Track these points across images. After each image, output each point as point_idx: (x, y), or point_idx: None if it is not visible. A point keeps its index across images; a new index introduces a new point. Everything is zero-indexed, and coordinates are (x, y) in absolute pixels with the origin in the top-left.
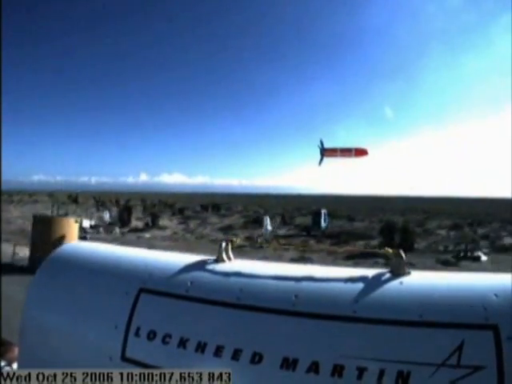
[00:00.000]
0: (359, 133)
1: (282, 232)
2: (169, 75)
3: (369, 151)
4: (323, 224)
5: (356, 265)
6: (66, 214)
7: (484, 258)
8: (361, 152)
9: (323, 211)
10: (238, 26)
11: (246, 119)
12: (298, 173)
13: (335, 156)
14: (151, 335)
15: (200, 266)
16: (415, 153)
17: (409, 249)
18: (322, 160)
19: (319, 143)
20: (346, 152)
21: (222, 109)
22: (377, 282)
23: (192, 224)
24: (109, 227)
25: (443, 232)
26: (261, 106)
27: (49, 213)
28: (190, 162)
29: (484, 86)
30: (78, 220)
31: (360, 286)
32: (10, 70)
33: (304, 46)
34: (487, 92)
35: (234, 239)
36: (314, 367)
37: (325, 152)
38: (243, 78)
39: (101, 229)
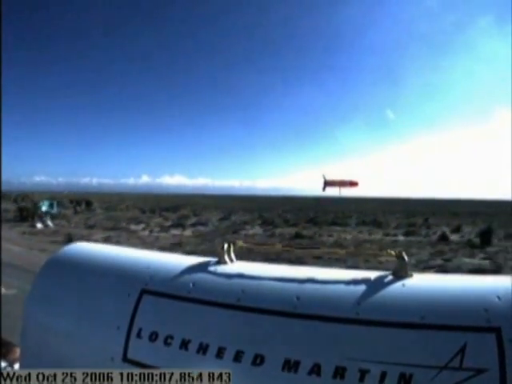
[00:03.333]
0: (359, 135)
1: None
2: (170, 77)
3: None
4: (44, 209)
5: None
6: None
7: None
8: (353, 183)
9: (50, 202)
10: (239, 28)
11: (247, 120)
12: (300, 174)
13: (335, 186)
14: (153, 336)
15: (202, 267)
16: (409, 156)
17: None
18: (324, 188)
19: (323, 176)
20: (343, 183)
21: (223, 110)
22: (379, 284)
23: None
24: None
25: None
26: (262, 107)
27: None
28: (191, 164)
29: (470, 88)
30: None
31: (362, 288)
32: (11, 70)
33: (304, 48)
34: (473, 94)
35: (237, 241)
36: (316, 369)
37: (327, 183)
38: (244, 79)
39: None
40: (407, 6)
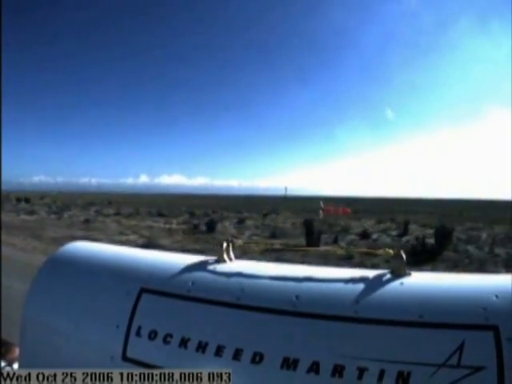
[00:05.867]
0: (358, 134)
1: None
2: (169, 77)
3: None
4: None
5: None
6: None
7: None
8: (345, 211)
9: None
10: (237, 26)
11: (246, 120)
12: (300, 174)
13: (330, 212)
14: (152, 335)
15: (201, 266)
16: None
17: None
18: (321, 214)
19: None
20: (336, 210)
21: (222, 110)
22: (377, 282)
23: None
24: None
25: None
26: (261, 106)
27: None
28: (189, 164)
29: (462, 88)
30: None
31: (361, 286)
32: (11, 70)
33: (304, 47)
34: (465, 94)
35: (236, 240)
36: (315, 367)
37: (323, 210)
38: (243, 78)
39: None
40: (399, 6)
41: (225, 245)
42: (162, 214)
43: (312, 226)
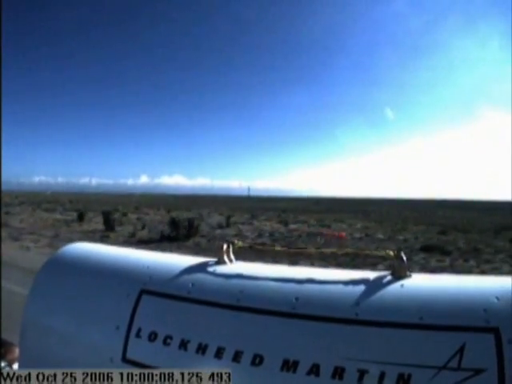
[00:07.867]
0: (359, 135)
1: None
2: (169, 77)
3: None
4: None
5: None
6: None
7: None
8: (341, 236)
9: None
10: (239, 26)
11: (246, 120)
12: (300, 175)
13: (327, 237)
14: (152, 336)
15: (201, 267)
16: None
17: None
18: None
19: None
20: (333, 235)
21: (223, 110)
22: (378, 284)
23: None
24: None
25: None
26: (262, 107)
27: None
28: (190, 164)
29: (454, 88)
30: None
31: (361, 288)
32: (11, 70)
33: (303, 48)
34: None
35: (236, 241)
36: (315, 369)
37: (321, 234)
38: (243, 79)
39: None
40: (398, 7)
41: (225, 246)
42: (78, 209)
43: (109, 216)
